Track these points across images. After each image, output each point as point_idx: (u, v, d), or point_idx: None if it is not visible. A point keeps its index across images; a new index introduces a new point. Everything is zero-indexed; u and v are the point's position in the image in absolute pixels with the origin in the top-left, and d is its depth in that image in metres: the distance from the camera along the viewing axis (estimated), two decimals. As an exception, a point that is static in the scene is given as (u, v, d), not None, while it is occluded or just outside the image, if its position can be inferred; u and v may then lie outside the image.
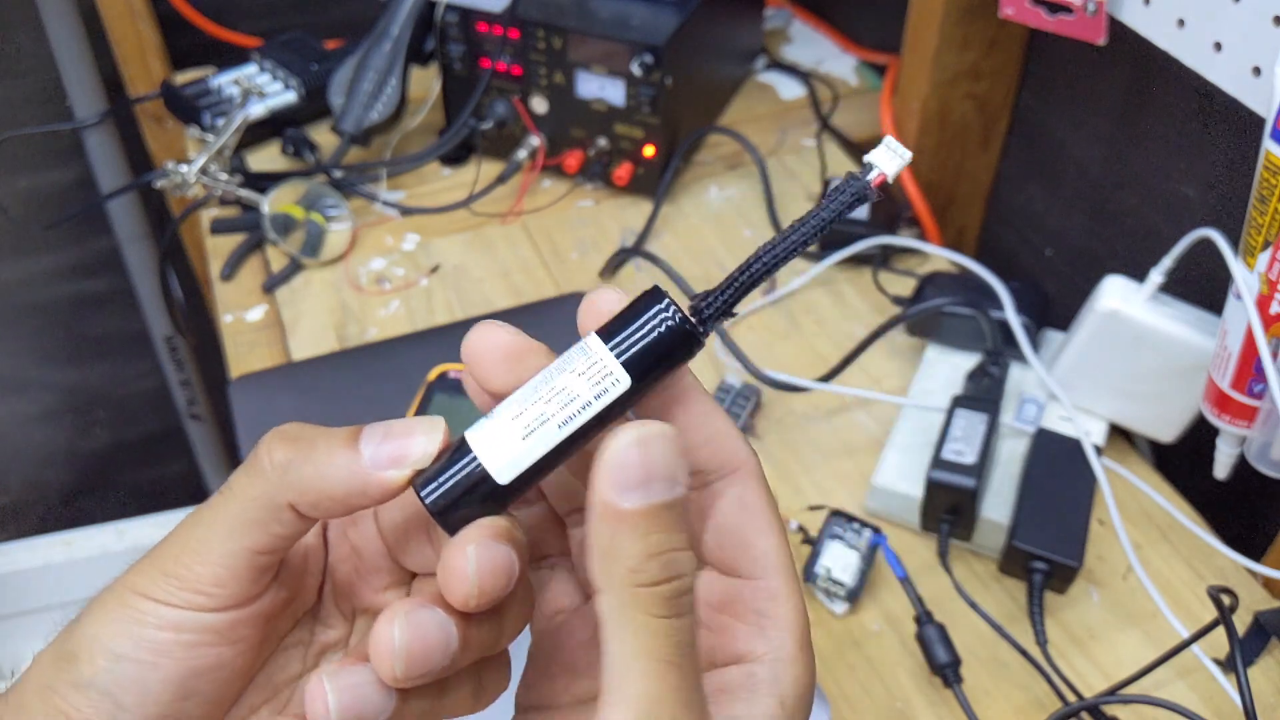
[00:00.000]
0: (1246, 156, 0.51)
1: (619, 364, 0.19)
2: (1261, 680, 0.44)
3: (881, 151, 0.19)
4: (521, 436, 0.18)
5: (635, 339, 0.19)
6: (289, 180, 0.66)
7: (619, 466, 0.18)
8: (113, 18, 0.77)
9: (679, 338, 0.19)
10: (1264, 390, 0.43)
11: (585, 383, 0.18)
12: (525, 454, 0.19)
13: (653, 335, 0.19)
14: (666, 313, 0.19)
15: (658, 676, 0.18)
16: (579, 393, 0.18)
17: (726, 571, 0.21)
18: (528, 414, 0.19)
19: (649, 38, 0.63)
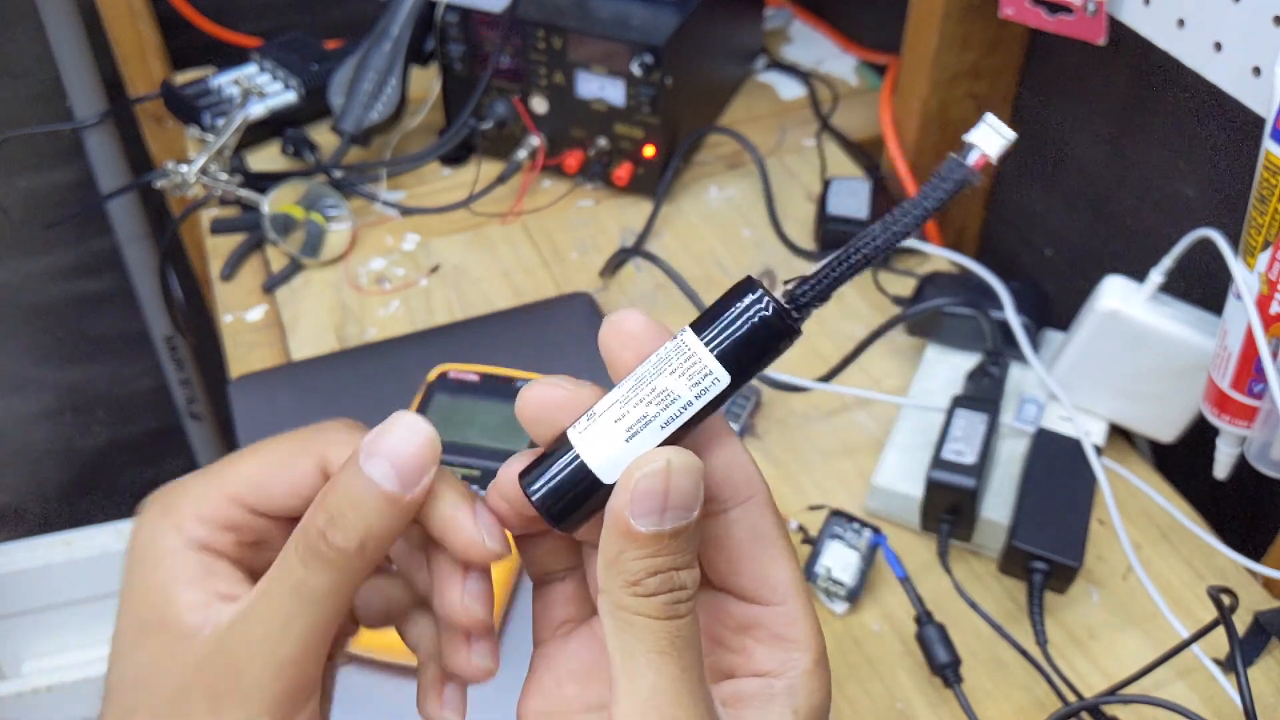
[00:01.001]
0: (1246, 156, 0.51)
1: (717, 362, 0.18)
2: (1261, 680, 0.44)
3: (983, 130, 0.18)
4: (625, 440, 0.19)
5: (731, 334, 0.19)
6: (289, 180, 0.66)
7: (643, 492, 0.19)
8: (113, 18, 0.77)
9: (775, 330, 0.19)
10: (1264, 390, 0.43)
11: (685, 383, 0.18)
12: (629, 454, 0.19)
13: (748, 328, 0.19)
14: (760, 304, 0.18)
15: (656, 669, 0.19)
16: (680, 393, 0.19)
17: (744, 598, 0.22)
18: (630, 416, 0.19)
19: (649, 38, 0.63)
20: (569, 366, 0.54)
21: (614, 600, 0.19)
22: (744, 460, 0.22)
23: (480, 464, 0.47)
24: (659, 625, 0.19)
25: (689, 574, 0.20)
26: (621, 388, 0.19)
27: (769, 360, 0.19)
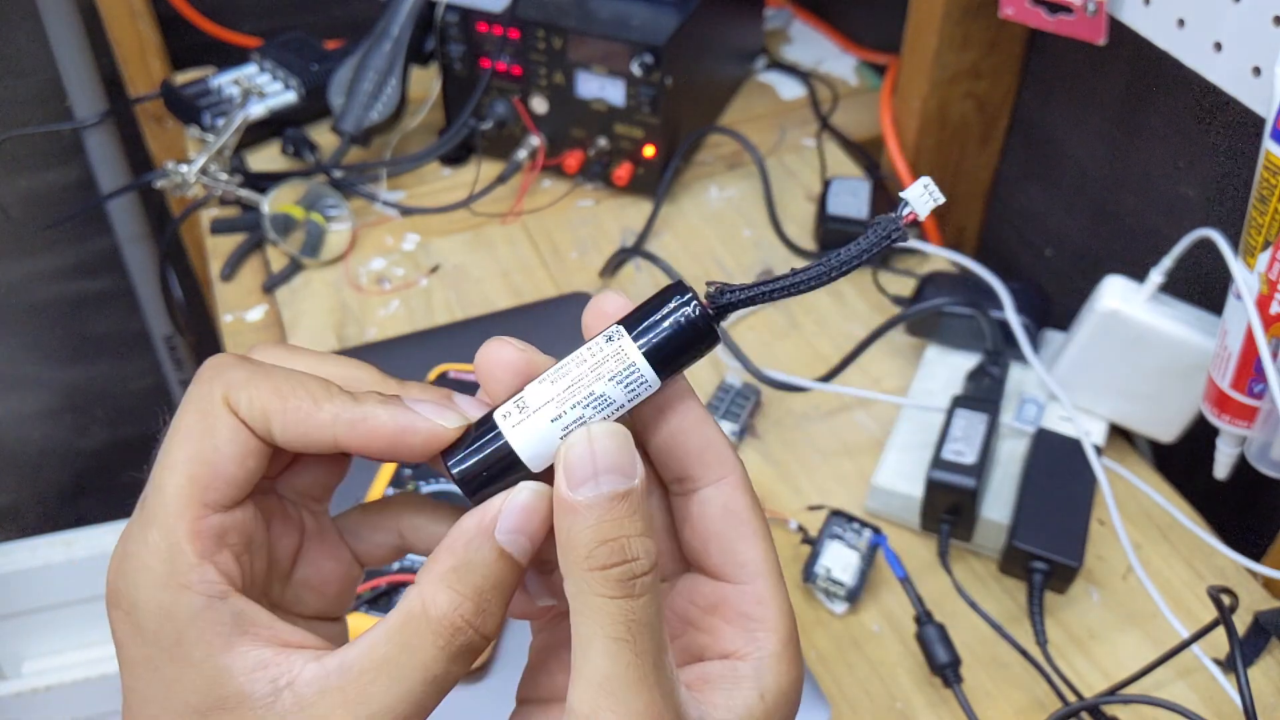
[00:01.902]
0: (1246, 156, 0.51)
1: (650, 369, 0.20)
2: (1261, 680, 0.44)
3: (916, 190, 0.19)
4: (560, 436, 0.20)
5: (664, 340, 0.20)
6: (289, 180, 0.66)
7: (572, 461, 0.20)
8: (112, 18, 0.77)
9: (701, 333, 0.20)
10: (1264, 390, 0.43)
11: (620, 389, 0.20)
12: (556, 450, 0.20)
13: (678, 333, 0.20)
14: (688, 308, 0.20)
15: (610, 654, 0.19)
16: (614, 397, 0.20)
17: (714, 576, 0.22)
18: (567, 417, 0.20)
19: (649, 38, 0.63)
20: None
21: (572, 583, 0.19)
22: (717, 441, 0.22)
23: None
24: (614, 606, 0.19)
25: (641, 543, 0.19)
26: (556, 384, 0.20)
27: (688, 364, 0.21)
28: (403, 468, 0.48)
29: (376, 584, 0.42)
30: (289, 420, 0.20)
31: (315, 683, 0.19)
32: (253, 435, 0.21)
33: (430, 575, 0.20)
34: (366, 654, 0.20)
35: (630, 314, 0.21)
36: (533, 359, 0.21)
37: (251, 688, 0.19)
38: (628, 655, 0.19)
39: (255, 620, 0.20)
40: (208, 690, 0.19)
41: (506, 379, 0.21)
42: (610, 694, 0.19)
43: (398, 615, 0.20)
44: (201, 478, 0.20)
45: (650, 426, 0.22)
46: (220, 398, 0.20)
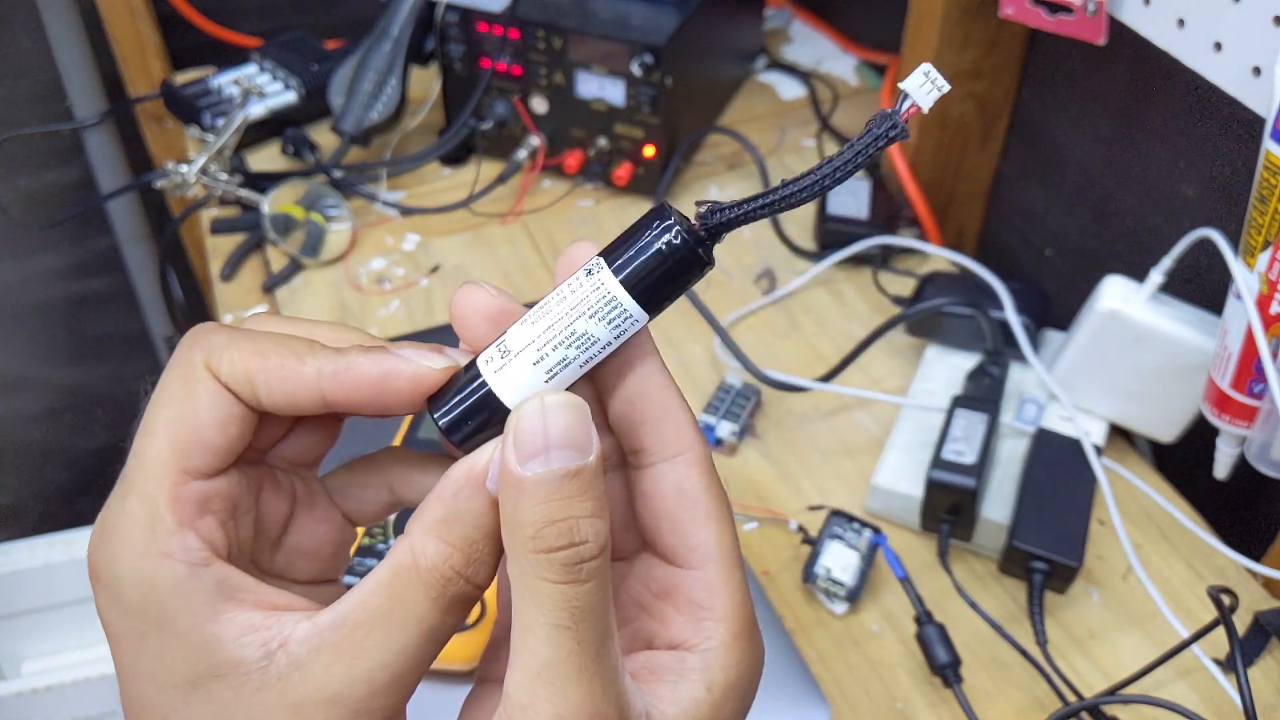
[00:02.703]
0: (1246, 156, 0.51)
1: (635, 303, 0.18)
2: (1261, 680, 0.45)
3: (916, 79, 0.17)
4: (545, 380, 0.19)
5: (647, 270, 0.18)
6: (289, 180, 0.66)
7: (523, 434, 0.18)
8: (112, 17, 0.77)
9: (690, 261, 0.19)
10: (1264, 390, 0.43)
11: (604, 327, 0.19)
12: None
13: (663, 262, 0.18)
14: (671, 235, 0.18)
15: (551, 641, 0.18)
16: (599, 336, 0.19)
17: (666, 559, 0.21)
18: (550, 359, 0.19)
19: (649, 38, 0.63)
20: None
21: (515, 564, 0.18)
22: (677, 414, 0.20)
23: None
24: (558, 593, 0.18)
25: (591, 524, 0.18)
26: (537, 325, 0.19)
27: (681, 293, 0.19)
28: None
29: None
30: (272, 379, 0.20)
31: (308, 641, 0.19)
32: (236, 400, 0.20)
33: (419, 526, 0.19)
34: (359, 609, 0.19)
35: (611, 244, 0.19)
36: (506, 305, 0.20)
37: (242, 653, 0.18)
38: (569, 643, 0.18)
39: (240, 586, 0.19)
40: (197, 660, 0.19)
41: (484, 326, 0.20)
42: (549, 682, 0.18)
43: (387, 568, 0.19)
44: (182, 444, 0.20)
45: (609, 390, 0.21)
46: (201, 363, 0.20)
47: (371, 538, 0.44)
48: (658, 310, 0.19)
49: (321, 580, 0.23)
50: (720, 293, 0.63)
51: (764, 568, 0.48)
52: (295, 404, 0.20)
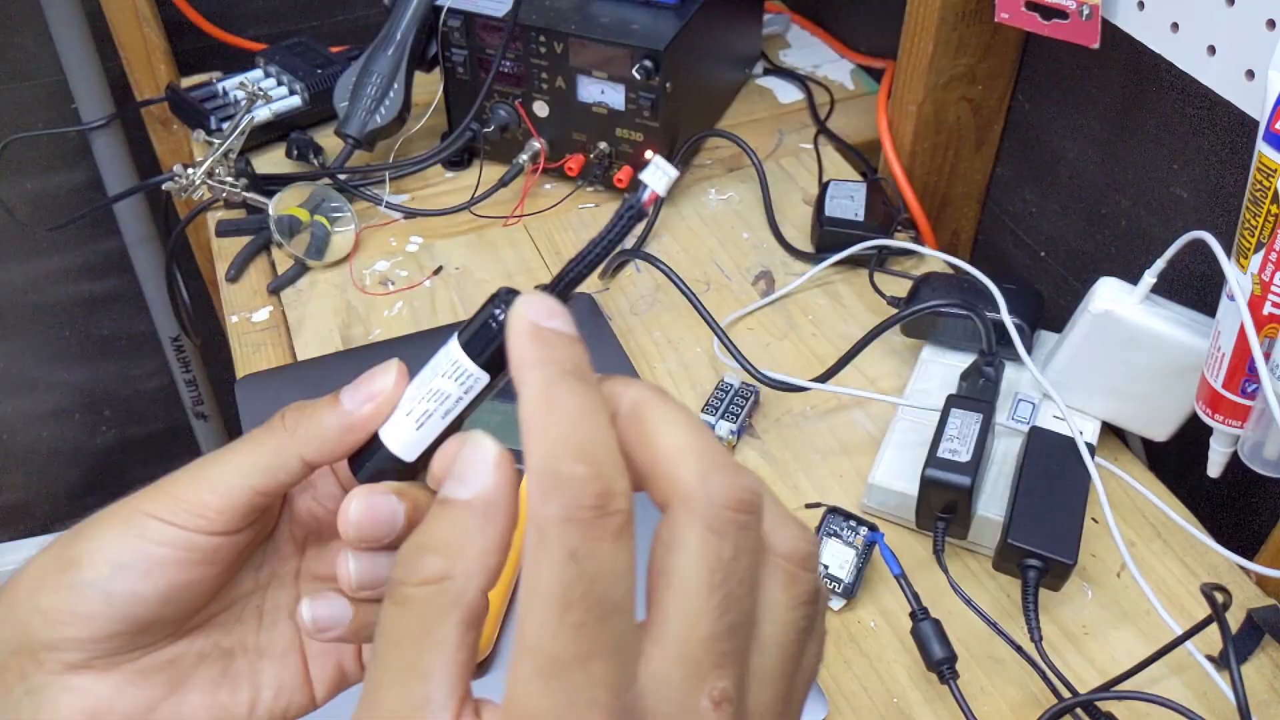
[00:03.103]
0: (1239, 159, 0.51)
1: (475, 365, 0.23)
2: (1255, 677, 0.45)
3: (649, 171, 0.22)
4: (415, 428, 0.23)
5: (483, 340, 0.23)
6: (294, 183, 0.67)
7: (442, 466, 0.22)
8: (119, 22, 0.78)
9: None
10: (1257, 390, 0.44)
11: (454, 384, 0.23)
12: (421, 439, 0.24)
13: (493, 334, 0.22)
14: (499, 314, 0.22)
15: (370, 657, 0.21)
16: (450, 392, 0.23)
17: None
18: (416, 411, 0.23)
19: (649, 43, 0.63)
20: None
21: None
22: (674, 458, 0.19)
23: (482, 462, 0.48)
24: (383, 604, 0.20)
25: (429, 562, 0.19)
26: (413, 388, 0.24)
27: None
28: None
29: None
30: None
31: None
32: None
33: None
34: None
35: (467, 321, 0.24)
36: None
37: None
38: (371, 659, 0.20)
39: None
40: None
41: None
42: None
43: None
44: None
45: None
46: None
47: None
48: (498, 371, 0.23)
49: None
50: (719, 294, 0.64)
51: (762, 565, 0.49)
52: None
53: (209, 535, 0.24)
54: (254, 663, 0.26)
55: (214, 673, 0.26)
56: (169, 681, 0.25)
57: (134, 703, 0.24)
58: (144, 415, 1.10)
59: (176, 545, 0.23)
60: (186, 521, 0.23)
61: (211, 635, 0.26)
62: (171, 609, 0.24)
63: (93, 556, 0.23)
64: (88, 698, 0.24)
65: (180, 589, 0.24)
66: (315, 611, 0.24)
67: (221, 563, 0.24)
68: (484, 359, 0.23)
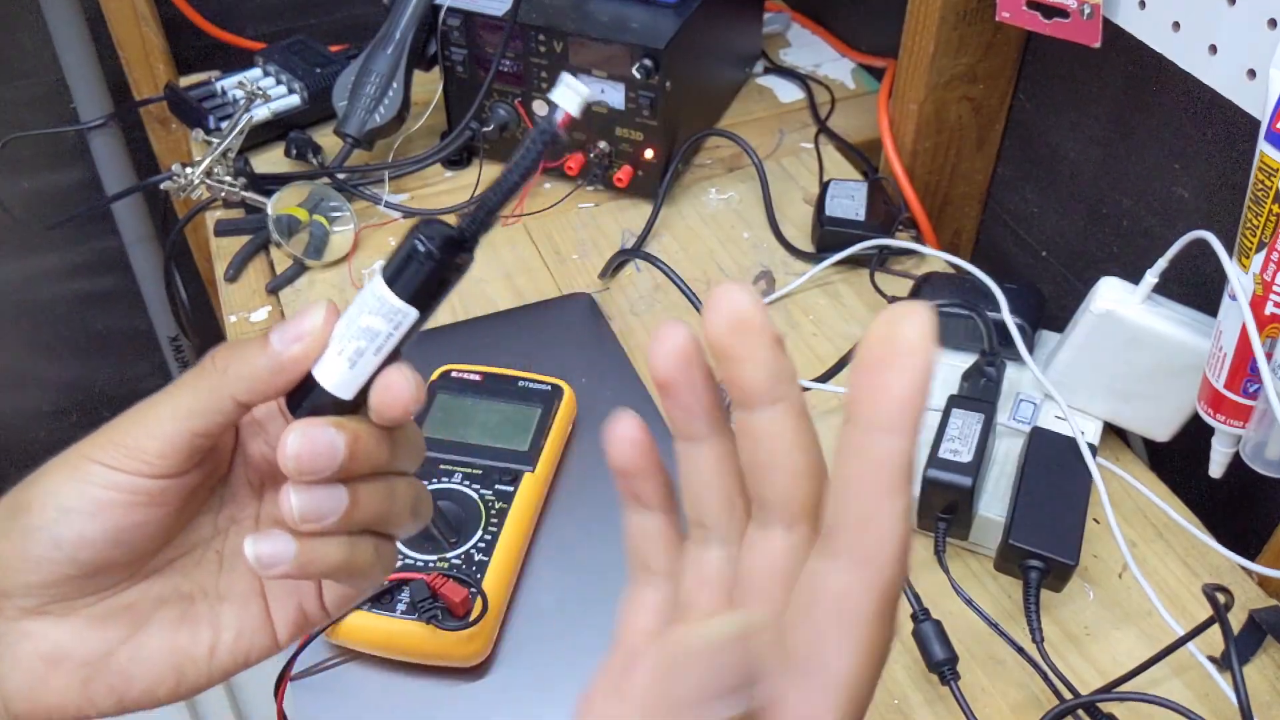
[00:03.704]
0: (1241, 158, 0.51)
1: (401, 300, 0.23)
2: (1257, 678, 0.45)
3: (561, 91, 0.21)
4: (349, 367, 0.24)
5: (408, 276, 0.23)
6: (293, 183, 0.66)
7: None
8: (117, 21, 0.78)
9: (445, 268, 0.23)
10: (1259, 390, 0.44)
11: (383, 321, 0.23)
12: (355, 377, 0.24)
13: (421, 270, 0.23)
14: (422, 253, 0.22)
15: None
16: (380, 329, 0.23)
17: None
18: (348, 349, 0.24)
19: (649, 41, 0.63)
20: (570, 365, 0.55)
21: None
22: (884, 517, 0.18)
23: (482, 463, 0.47)
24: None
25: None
26: (339, 326, 0.24)
27: (446, 290, 0.23)
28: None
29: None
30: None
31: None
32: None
33: None
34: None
35: (389, 254, 0.24)
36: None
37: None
38: None
39: None
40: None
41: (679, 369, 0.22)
42: None
43: None
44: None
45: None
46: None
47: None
48: (426, 307, 0.23)
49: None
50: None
51: (762, 566, 0.49)
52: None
53: (152, 478, 0.24)
54: (214, 606, 0.27)
55: (173, 616, 0.26)
56: (127, 625, 0.25)
57: (92, 646, 0.25)
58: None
59: (120, 488, 0.24)
60: (128, 465, 0.24)
61: (170, 579, 0.26)
62: (121, 552, 0.24)
63: (41, 502, 0.24)
64: (45, 642, 0.24)
65: (128, 531, 0.24)
66: (259, 548, 0.24)
67: (169, 505, 0.25)
68: (410, 294, 0.23)
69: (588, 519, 0.49)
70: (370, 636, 0.43)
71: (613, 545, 0.46)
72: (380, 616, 0.42)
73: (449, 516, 0.45)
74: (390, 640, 0.42)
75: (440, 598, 0.42)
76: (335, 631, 0.43)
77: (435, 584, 0.42)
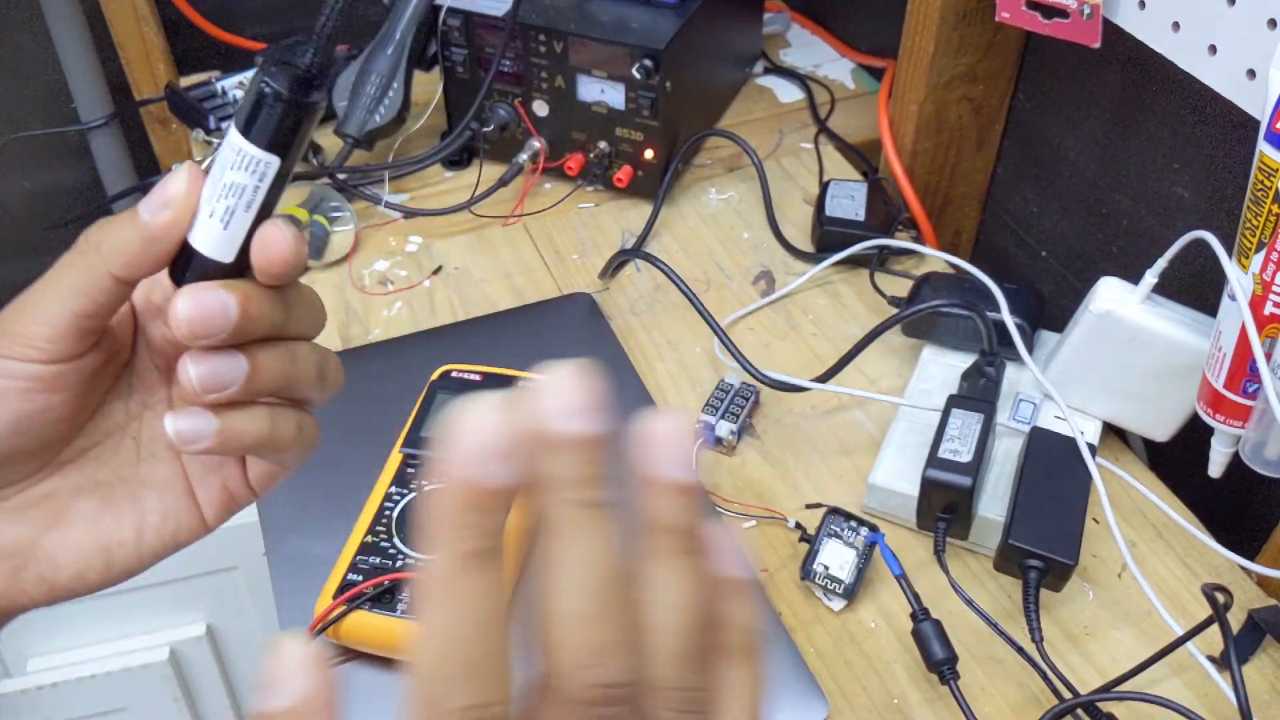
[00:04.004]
0: (1241, 159, 0.51)
1: (261, 150, 0.22)
2: (1256, 677, 0.45)
3: None
4: (223, 228, 0.23)
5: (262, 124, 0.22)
6: (293, 183, 0.66)
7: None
8: (118, 21, 0.78)
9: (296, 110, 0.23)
10: (1258, 390, 0.44)
11: (246, 175, 0.23)
12: (231, 237, 0.24)
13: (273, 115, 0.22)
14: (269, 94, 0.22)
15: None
16: (245, 183, 0.23)
17: None
18: (218, 210, 0.23)
19: (649, 42, 0.63)
20: (569, 366, 0.55)
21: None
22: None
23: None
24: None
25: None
26: (205, 189, 0.23)
27: (303, 132, 0.23)
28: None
29: (379, 581, 0.43)
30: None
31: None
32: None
33: None
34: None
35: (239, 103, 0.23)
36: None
37: None
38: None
39: None
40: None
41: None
42: None
43: None
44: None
45: None
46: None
47: (375, 536, 0.45)
48: (286, 152, 0.23)
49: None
50: (719, 294, 0.64)
51: (762, 565, 0.49)
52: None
53: (44, 364, 0.24)
54: (135, 490, 0.27)
55: (93, 503, 0.26)
56: (48, 515, 0.26)
57: (13, 538, 0.25)
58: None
59: (14, 376, 0.24)
60: (18, 353, 0.24)
61: (86, 469, 0.26)
62: (27, 440, 0.24)
63: None
64: None
65: (30, 419, 0.24)
66: (178, 424, 0.24)
67: (70, 390, 0.25)
68: (267, 141, 0.22)
69: (588, 519, 0.49)
70: (370, 636, 0.43)
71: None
72: (380, 616, 0.42)
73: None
74: (390, 640, 0.42)
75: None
76: (335, 631, 0.43)
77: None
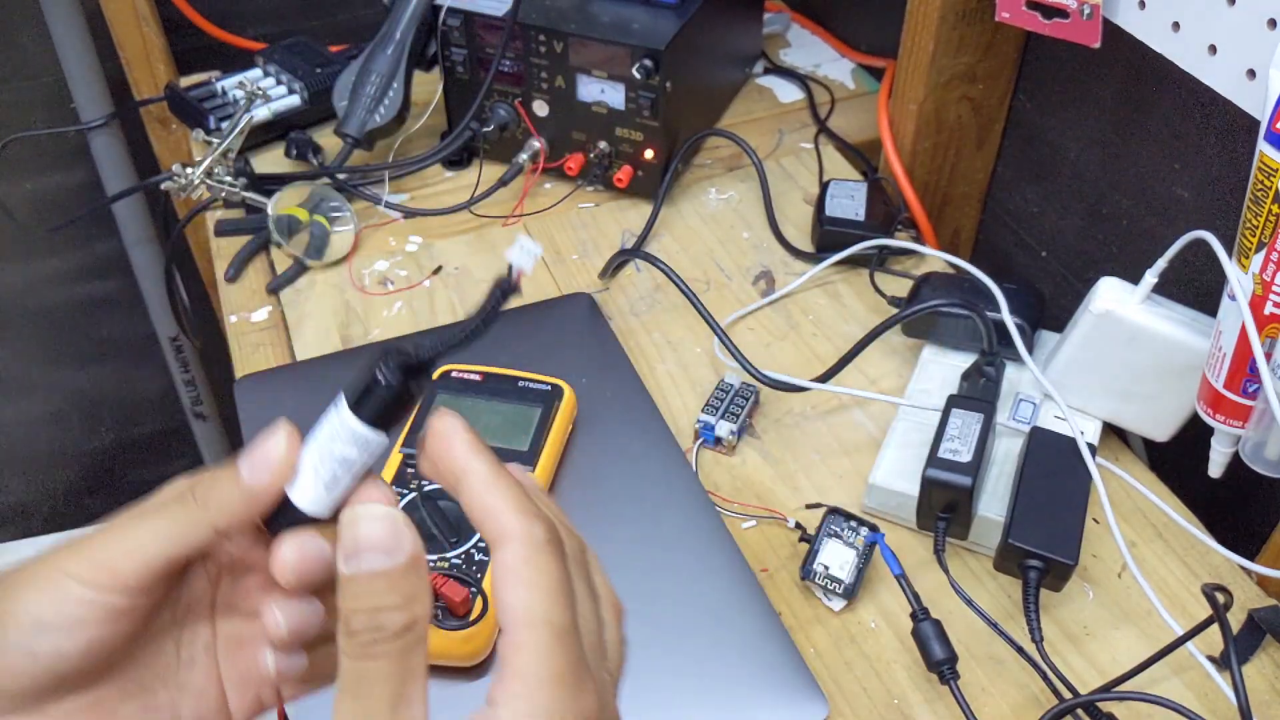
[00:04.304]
0: (1241, 159, 0.51)
1: (373, 431, 0.25)
2: (1256, 677, 0.45)
3: (514, 251, 0.25)
4: (326, 492, 0.25)
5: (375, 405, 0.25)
6: (293, 183, 0.67)
7: (342, 541, 0.23)
8: (118, 21, 0.78)
9: (405, 397, 0.25)
10: (1258, 390, 0.44)
11: (356, 450, 0.25)
12: (332, 499, 0.25)
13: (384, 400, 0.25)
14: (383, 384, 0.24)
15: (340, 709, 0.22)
16: (354, 457, 0.25)
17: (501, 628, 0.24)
18: (324, 474, 0.25)
19: (649, 42, 0.63)
20: (570, 365, 0.55)
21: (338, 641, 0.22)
22: (495, 509, 0.23)
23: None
24: (350, 665, 0.22)
25: (394, 616, 0.22)
26: (311, 451, 0.25)
27: (404, 415, 0.25)
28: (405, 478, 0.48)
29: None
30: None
31: None
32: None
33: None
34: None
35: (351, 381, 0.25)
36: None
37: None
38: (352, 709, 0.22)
39: None
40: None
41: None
42: None
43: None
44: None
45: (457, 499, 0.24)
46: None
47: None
48: (389, 428, 0.25)
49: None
50: (719, 294, 0.64)
51: (762, 565, 0.49)
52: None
53: (127, 599, 0.25)
54: (174, 696, 0.27)
55: (135, 708, 0.27)
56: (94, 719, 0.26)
57: None
58: (143, 416, 1.10)
59: (95, 605, 0.24)
60: (105, 583, 0.24)
61: (132, 673, 0.27)
62: (95, 661, 0.25)
63: (16, 617, 0.24)
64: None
65: (102, 643, 0.25)
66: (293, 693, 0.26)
67: (141, 616, 0.26)
68: (374, 420, 0.25)
69: (587, 519, 0.49)
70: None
71: (612, 545, 0.46)
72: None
73: (449, 516, 0.45)
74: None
75: (440, 597, 0.42)
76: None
77: (435, 583, 0.42)
